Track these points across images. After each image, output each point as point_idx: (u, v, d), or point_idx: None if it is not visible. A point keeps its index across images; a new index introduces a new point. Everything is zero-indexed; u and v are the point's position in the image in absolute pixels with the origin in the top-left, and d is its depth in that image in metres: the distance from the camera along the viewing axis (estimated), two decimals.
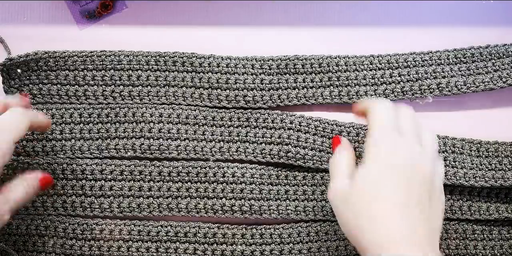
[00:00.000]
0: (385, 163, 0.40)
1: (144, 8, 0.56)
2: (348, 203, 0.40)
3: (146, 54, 0.54)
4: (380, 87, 0.54)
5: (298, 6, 0.57)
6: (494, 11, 0.57)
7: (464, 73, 0.54)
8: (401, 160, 0.40)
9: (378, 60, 0.54)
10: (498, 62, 0.54)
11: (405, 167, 0.40)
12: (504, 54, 0.55)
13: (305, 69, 0.54)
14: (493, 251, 0.52)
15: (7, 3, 0.56)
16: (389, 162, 0.40)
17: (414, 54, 0.55)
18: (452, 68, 0.54)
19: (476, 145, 0.54)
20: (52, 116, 0.52)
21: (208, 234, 0.51)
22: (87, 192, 0.51)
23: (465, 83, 0.54)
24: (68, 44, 0.54)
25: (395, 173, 0.40)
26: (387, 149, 0.41)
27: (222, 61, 0.54)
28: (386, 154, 0.40)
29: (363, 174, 0.41)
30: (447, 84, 0.54)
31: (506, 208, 0.52)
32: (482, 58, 0.55)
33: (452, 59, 0.55)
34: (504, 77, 0.54)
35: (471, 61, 0.55)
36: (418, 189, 0.39)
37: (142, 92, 0.53)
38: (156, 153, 0.52)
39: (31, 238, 0.50)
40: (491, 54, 0.55)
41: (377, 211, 0.38)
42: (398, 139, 0.41)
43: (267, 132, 0.53)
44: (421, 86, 0.54)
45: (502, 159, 0.53)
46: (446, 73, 0.54)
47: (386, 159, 0.40)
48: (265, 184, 0.52)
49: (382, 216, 0.38)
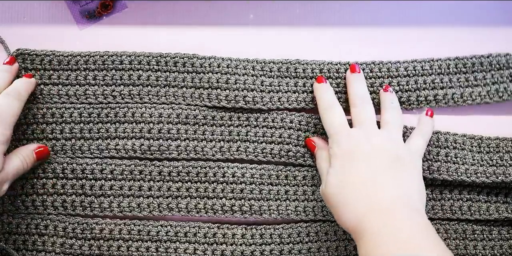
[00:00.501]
0: (343, 157, 0.47)
1: (144, 8, 0.56)
2: (327, 199, 0.47)
3: (147, 54, 0.54)
4: (378, 96, 0.54)
5: (298, 6, 0.57)
6: (494, 11, 0.57)
7: (463, 84, 0.54)
8: (358, 146, 0.47)
9: (379, 68, 0.54)
10: (497, 74, 0.54)
11: (363, 150, 0.47)
12: (505, 66, 0.55)
13: (306, 73, 0.54)
14: (493, 251, 0.52)
15: (7, 3, 0.56)
16: (348, 152, 0.47)
17: (415, 62, 0.55)
18: (451, 78, 0.54)
19: (477, 141, 0.54)
20: (52, 115, 0.52)
21: (208, 234, 0.51)
22: (87, 192, 0.51)
23: (462, 95, 0.54)
24: (68, 44, 0.55)
25: (353, 161, 0.47)
26: (345, 143, 0.48)
27: (222, 62, 0.54)
28: (344, 148, 0.48)
29: (330, 171, 0.48)
30: (444, 96, 0.54)
31: (506, 208, 0.52)
32: (483, 68, 0.55)
33: (452, 69, 0.55)
34: (501, 92, 0.54)
35: (471, 71, 0.55)
36: (382, 164, 0.46)
37: (142, 91, 0.53)
38: (156, 154, 0.52)
39: (30, 237, 0.50)
40: (492, 65, 0.55)
41: (344, 198, 0.45)
42: (353, 133, 0.49)
43: (268, 131, 0.53)
44: (419, 97, 0.54)
45: (503, 155, 0.53)
46: (445, 83, 0.54)
47: (345, 152, 0.48)
48: (265, 184, 0.52)
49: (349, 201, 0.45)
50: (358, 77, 0.53)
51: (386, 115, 0.51)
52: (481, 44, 0.56)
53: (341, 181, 0.46)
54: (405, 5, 0.57)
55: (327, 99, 0.52)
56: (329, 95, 0.52)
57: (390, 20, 0.57)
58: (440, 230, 0.52)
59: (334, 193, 0.46)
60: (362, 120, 0.50)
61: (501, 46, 0.56)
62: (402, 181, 0.46)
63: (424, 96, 0.54)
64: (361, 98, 0.51)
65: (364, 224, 0.43)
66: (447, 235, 0.52)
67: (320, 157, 0.51)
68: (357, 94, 0.51)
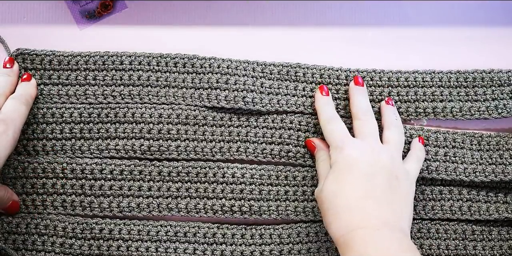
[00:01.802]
0: (345, 165, 0.47)
1: (144, 8, 0.56)
2: (320, 203, 0.47)
3: (148, 54, 0.54)
4: (377, 104, 0.54)
5: (298, 6, 0.57)
6: (494, 11, 0.57)
7: (462, 98, 0.54)
8: (360, 158, 0.47)
9: (379, 77, 0.54)
10: (497, 91, 0.54)
11: (365, 164, 0.47)
12: (506, 82, 0.54)
13: (306, 78, 0.54)
14: (493, 251, 0.52)
15: (7, 3, 0.56)
16: (350, 161, 0.47)
17: (416, 73, 0.55)
18: (451, 92, 0.54)
19: (477, 139, 0.54)
20: (52, 115, 0.52)
21: (208, 234, 0.51)
22: (86, 192, 0.51)
23: (461, 109, 0.54)
24: (68, 44, 0.55)
25: (353, 171, 0.46)
26: (348, 151, 0.48)
27: (222, 62, 0.54)
28: (346, 156, 0.47)
29: (330, 177, 0.47)
30: (443, 109, 0.54)
31: (506, 208, 0.52)
32: (483, 83, 0.54)
33: (453, 82, 0.54)
34: (500, 108, 0.54)
35: (472, 86, 0.54)
36: (380, 182, 0.46)
37: (143, 91, 0.53)
38: (156, 154, 0.52)
39: (30, 237, 0.50)
40: (493, 81, 0.54)
41: (338, 207, 0.45)
42: (357, 143, 0.48)
43: (267, 132, 0.53)
44: (417, 109, 0.54)
45: (503, 153, 0.53)
46: (445, 96, 0.54)
47: (347, 161, 0.47)
48: (265, 185, 0.52)
49: (343, 210, 0.45)
50: (362, 90, 0.53)
51: (389, 133, 0.50)
52: (481, 44, 0.56)
53: (337, 190, 0.46)
54: (405, 5, 0.57)
55: (328, 112, 0.52)
56: (330, 109, 0.52)
57: (390, 20, 0.57)
58: (439, 230, 0.52)
59: (329, 199, 0.46)
60: (366, 134, 0.49)
61: (501, 46, 0.56)
62: (396, 201, 0.46)
63: (423, 108, 0.54)
64: (365, 112, 0.51)
65: (352, 238, 0.43)
66: (446, 235, 0.52)
67: (320, 159, 0.51)
68: (361, 107, 0.51)
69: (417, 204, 0.52)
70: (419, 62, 0.56)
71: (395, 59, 0.56)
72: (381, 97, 0.54)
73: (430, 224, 0.52)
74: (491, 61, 0.56)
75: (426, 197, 0.52)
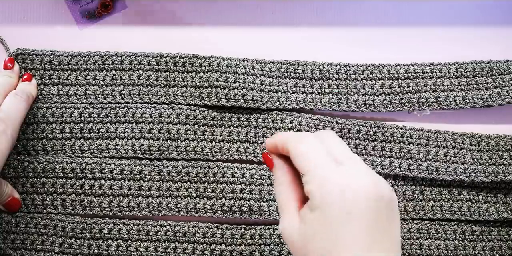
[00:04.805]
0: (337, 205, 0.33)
1: (144, 8, 0.57)
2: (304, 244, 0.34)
3: (147, 54, 0.54)
4: (379, 97, 0.54)
5: (298, 6, 0.57)
6: (494, 11, 0.57)
7: (464, 88, 0.54)
8: (350, 193, 0.33)
9: (379, 70, 0.54)
10: (498, 79, 0.54)
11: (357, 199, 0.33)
12: (506, 71, 0.54)
13: (305, 74, 0.54)
14: (492, 252, 0.51)
15: (7, 3, 0.56)
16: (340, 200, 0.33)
17: (416, 66, 0.55)
18: (452, 82, 0.54)
19: (477, 140, 0.54)
20: (52, 115, 0.52)
21: (207, 234, 0.51)
22: (86, 191, 0.51)
23: (464, 98, 0.54)
24: (68, 44, 0.55)
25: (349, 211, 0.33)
26: (333, 186, 0.34)
27: (222, 61, 0.54)
28: (334, 192, 0.34)
29: (315, 219, 0.34)
30: (446, 98, 0.54)
31: (506, 208, 0.52)
32: (483, 73, 0.54)
33: (453, 73, 0.55)
34: (503, 95, 0.54)
35: (472, 76, 0.55)
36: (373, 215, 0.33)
37: (142, 91, 0.53)
38: (156, 154, 0.52)
39: (29, 237, 0.50)
40: (492, 70, 0.55)
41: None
42: (338, 171, 0.35)
43: (267, 132, 0.53)
44: (420, 99, 0.54)
45: (502, 153, 0.53)
46: (446, 86, 0.54)
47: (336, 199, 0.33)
48: (265, 185, 0.52)
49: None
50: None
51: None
52: (481, 44, 0.56)
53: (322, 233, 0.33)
54: (405, 5, 0.57)
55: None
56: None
57: (390, 20, 0.57)
58: (439, 231, 0.52)
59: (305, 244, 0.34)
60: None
61: (501, 46, 0.56)
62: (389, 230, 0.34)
63: (426, 98, 0.54)
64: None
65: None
66: (446, 236, 0.52)
67: (281, 183, 0.38)
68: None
69: (417, 204, 0.52)
70: (419, 62, 0.56)
71: (395, 59, 0.56)
72: (382, 90, 0.54)
73: (430, 224, 0.52)
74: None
75: (426, 197, 0.52)
